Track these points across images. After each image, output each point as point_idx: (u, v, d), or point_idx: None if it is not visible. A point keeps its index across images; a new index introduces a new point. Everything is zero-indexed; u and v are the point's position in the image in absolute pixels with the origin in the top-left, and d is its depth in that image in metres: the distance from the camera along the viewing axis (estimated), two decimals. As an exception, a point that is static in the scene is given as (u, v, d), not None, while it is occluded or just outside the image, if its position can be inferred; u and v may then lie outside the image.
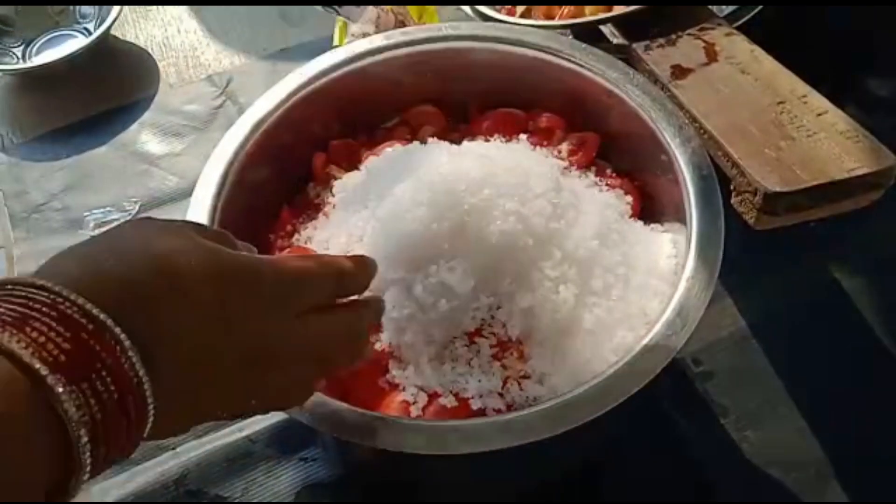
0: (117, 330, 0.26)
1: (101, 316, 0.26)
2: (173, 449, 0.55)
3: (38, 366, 0.24)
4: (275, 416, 0.55)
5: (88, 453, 0.25)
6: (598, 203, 0.51)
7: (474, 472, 0.47)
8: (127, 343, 0.26)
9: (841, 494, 0.51)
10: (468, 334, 0.46)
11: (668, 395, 0.55)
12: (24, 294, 0.26)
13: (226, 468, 0.54)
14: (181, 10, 0.87)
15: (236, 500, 0.53)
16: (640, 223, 0.52)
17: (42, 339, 0.24)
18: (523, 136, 0.55)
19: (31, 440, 0.24)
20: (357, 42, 0.59)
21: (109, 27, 0.80)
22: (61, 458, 0.25)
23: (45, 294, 0.26)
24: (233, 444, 0.55)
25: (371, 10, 0.73)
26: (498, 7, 0.70)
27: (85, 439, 0.25)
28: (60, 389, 0.24)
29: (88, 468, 0.25)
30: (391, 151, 0.54)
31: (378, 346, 0.46)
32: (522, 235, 0.46)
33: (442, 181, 0.46)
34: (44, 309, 0.25)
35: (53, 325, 0.25)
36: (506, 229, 0.45)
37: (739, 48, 0.57)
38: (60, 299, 0.26)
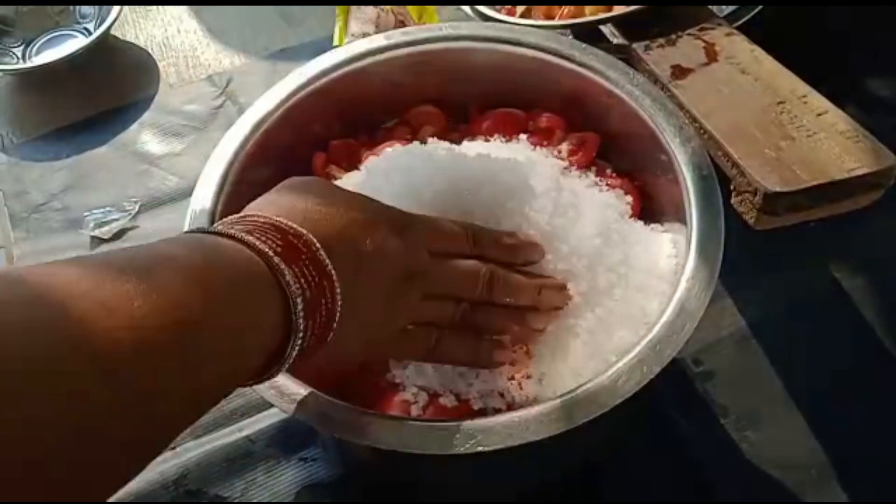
0: (312, 237, 0.35)
1: (301, 229, 0.35)
2: (173, 449, 0.55)
3: (269, 252, 0.33)
4: (275, 416, 0.55)
5: (301, 319, 0.33)
6: (598, 203, 0.51)
7: (474, 472, 0.47)
8: (318, 245, 0.35)
9: (841, 494, 0.51)
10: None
11: (668, 395, 0.55)
12: (248, 220, 0.35)
13: (226, 468, 0.54)
14: (181, 10, 0.87)
15: (236, 500, 0.53)
16: (640, 223, 0.52)
17: (266, 239, 0.34)
18: (523, 136, 0.56)
19: (265, 305, 0.33)
20: (357, 42, 0.59)
21: (109, 27, 0.80)
22: (283, 326, 0.33)
23: (263, 218, 0.35)
24: (233, 444, 0.55)
25: (371, 10, 0.73)
26: (498, 7, 0.70)
27: (300, 306, 0.33)
28: (283, 267, 0.33)
29: (300, 338, 0.33)
30: (391, 151, 0.54)
31: None
32: (524, 234, 0.46)
33: (444, 180, 0.47)
34: (265, 226, 0.35)
35: (271, 232, 0.34)
36: (508, 228, 0.46)
37: (739, 48, 0.57)
38: (274, 220, 0.35)
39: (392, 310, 0.40)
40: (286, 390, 0.41)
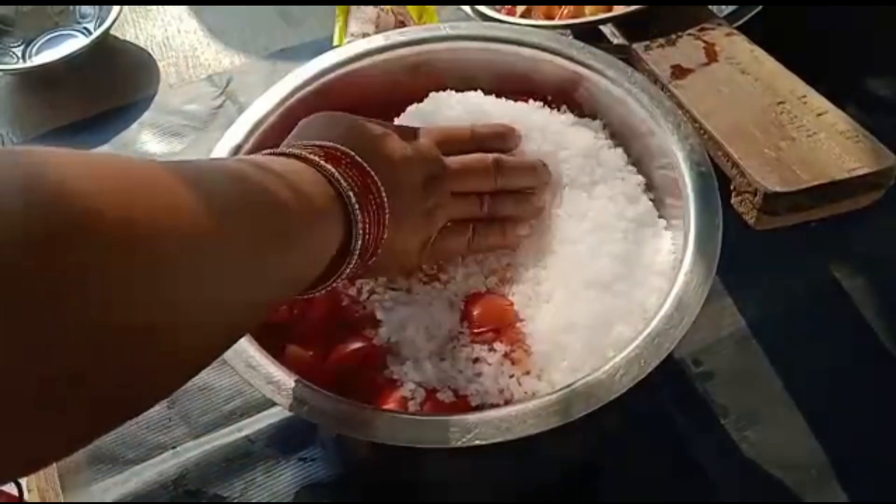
0: (347, 149, 0.40)
1: (337, 144, 0.40)
2: (173, 449, 0.55)
3: (317, 159, 0.38)
4: (274, 416, 0.55)
5: (359, 222, 0.38)
6: (601, 196, 0.51)
7: (474, 471, 0.47)
8: (353, 153, 0.40)
9: (841, 494, 0.51)
10: (468, 329, 0.46)
11: (668, 395, 0.55)
12: (293, 146, 0.39)
13: (225, 468, 0.54)
14: (181, 10, 0.87)
15: (236, 500, 0.53)
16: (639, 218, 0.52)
17: (311, 153, 0.38)
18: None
19: (331, 213, 0.37)
20: (357, 42, 0.59)
21: (109, 27, 0.80)
22: (345, 231, 0.38)
23: (304, 142, 0.40)
24: (232, 444, 0.55)
25: (371, 10, 0.73)
26: (498, 7, 0.70)
27: (353, 199, 0.38)
28: (331, 168, 0.38)
29: (360, 229, 0.38)
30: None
31: (376, 342, 0.46)
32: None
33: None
34: (307, 147, 0.39)
35: (313, 148, 0.39)
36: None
37: (739, 48, 0.57)
38: (314, 142, 0.40)
39: (430, 210, 0.44)
40: (284, 386, 0.42)
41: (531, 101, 0.56)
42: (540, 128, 0.53)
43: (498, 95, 0.59)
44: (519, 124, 0.52)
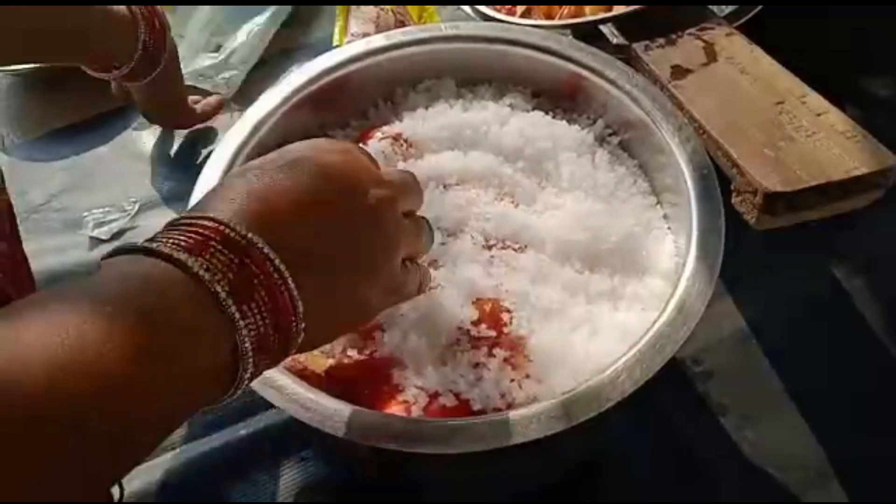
0: (272, 254, 0.31)
1: (259, 242, 0.31)
2: (173, 449, 0.55)
3: (219, 290, 0.29)
4: (275, 416, 0.55)
5: (251, 362, 0.30)
6: (602, 199, 0.51)
7: (474, 472, 0.47)
8: (281, 266, 0.31)
9: (841, 494, 0.51)
10: (468, 335, 0.46)
11: (668, 394, 0.55)
12: (194, 224, 0.31)
13: (225, 468, 0.54)
14: (181, 11, 0.87)
15: (236, 500, 0.53)
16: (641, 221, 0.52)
17: (216, 263, 0.30)
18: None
19: (214, 347, 0.29)
20: (357, 42, 0.59)
21: (109, 27, 0.80)
22: (231, 364, 0.30)
23: (214, 224, 0.31)
24: (233, 445, 0.55)
25: (371, 10, 0.73)
26: (498, 7, 0.70)
27: (250, 348, 0.30)
28: (235, 312, 0.29)
29: (249, 374, 0.31)
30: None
31: (378, 355, 0.46)
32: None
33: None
34: (214, 236, 0.30)
35: (223, 250, 0.30)
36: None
37: (739, 48, 0.57)
38: (225, 228, 0.31)
39: (387, 242, 0.38)
40: (286, 390, 0.41)
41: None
42: (540, 129, 0.53)
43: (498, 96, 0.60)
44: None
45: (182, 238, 0.30)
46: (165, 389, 0.28)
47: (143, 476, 0.53)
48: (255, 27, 0.78)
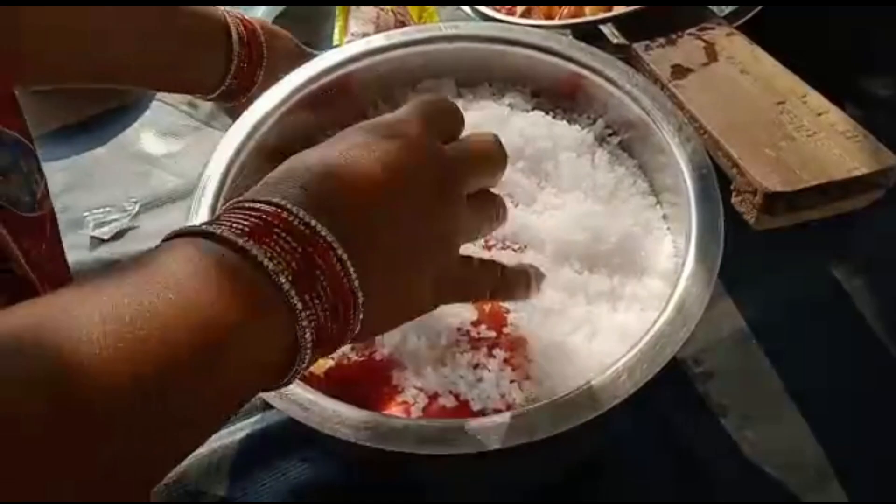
0: (335, 243, 0.30)
1: (323, 231, 0.30)
2: (173, 449, 0.55)
3: (282, 281, 0.29)
4: (275, 416, 0.55)
5: (309, 352, 0.30)
6: (602, 199, 0.51)
7: (475, 472, 0.47)
8: (344, 256, 0.30)
9: (841, 494, 0.51)
10: (468, 335, 0.46)
11: (668, 395, 0.55)
12: (257, 209, 0.30)
13: (226, 468, 0.54)
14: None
15: (236, 500, 0.53)
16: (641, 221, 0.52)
17: (280, 252, 0.29)
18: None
19: (272, 341, 0.29)
20: (357, 42, 0.59)
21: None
22: (289, 353, 0.30)
23: (276, 210, 0.30)
24: (233, 444, 0.55)
25: (371, 10, 0.73)
26: (498, 7, 0.70)
27: (309, 339, 0.30)
28: (297, 303, 0.29)
29: (306, 363, 0.30)
30: None
31: (377, 356, 0.46)
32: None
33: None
34: (277, 223, 0.30)
35: (286, 238, 0.29)
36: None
37: (739, 48, 0.57)
38: (289, 215, 0.30)
39: (442, 235, 0.36)
40: (286, 391, 0.41)
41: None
42: (539, 128, 0.53)
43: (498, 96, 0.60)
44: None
45: (245, 223, 0.29)
46: (222, 378, 0.27)
47: (143, 476, 0.53)
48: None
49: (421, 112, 0.37)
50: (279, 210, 0.30)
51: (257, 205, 0.30)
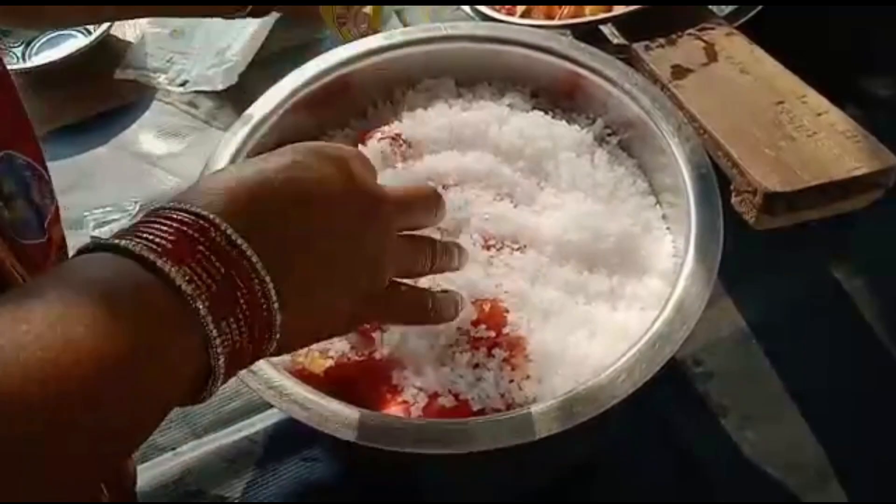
0: (259, 265, 0.29)
1: (249, 251, 0.29)
2: (173, 449, 0.55)
3: (198, 306, 0.27)
4: (275, 416, 0.55)
5: (221, 377, 0.29)
6: (601, 199, 0.51)
7: (474, 472, 0.47)
8: (267, 278, 0.30)
9: (841, 494, 0.51)
10: (468, 335, 0.46)
11: (668, 395, 0.55)
12: (184, 220, 0.29)
13: (226, 468, 0.54)
14: (181, 10, 0.87)
15: (236, 501, 0.53)
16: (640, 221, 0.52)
17: (200, 273, 0.28)
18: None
19: (182, 366, 0.28)
20: (357, 42, 0.59)
21: (109, 27, 0.80)
22: (202, 372, 0.29)
23: (199, 221, 0.29)
24: (233, 444, 0.55)
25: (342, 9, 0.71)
26: (498, 7, 0.70)
27: (223, 365, 0.29)
28: (213, 329, 0.28)
29: (220, 383, 0.29)
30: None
31: (377, 356, 0.46)
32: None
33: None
34: (203, 240, 0.28)
35: (210, 257, 0.28)
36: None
37: (739, 48, 0.57)
38: (216, 232, 0.29)
39: (372, 259, 0.36)
40: (286, 390, 0.41)
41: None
42: (539, 128, 0.53)
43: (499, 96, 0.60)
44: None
45: (168, 237, 0.28)
46: (133, 399, 0.26)
47: (144, 476, 0.53)
48: (249, 25, 0.78)
49: (396, 189, 0.39)
50: (206, 225, 0.29)
51: (183, 215, 0.29)
